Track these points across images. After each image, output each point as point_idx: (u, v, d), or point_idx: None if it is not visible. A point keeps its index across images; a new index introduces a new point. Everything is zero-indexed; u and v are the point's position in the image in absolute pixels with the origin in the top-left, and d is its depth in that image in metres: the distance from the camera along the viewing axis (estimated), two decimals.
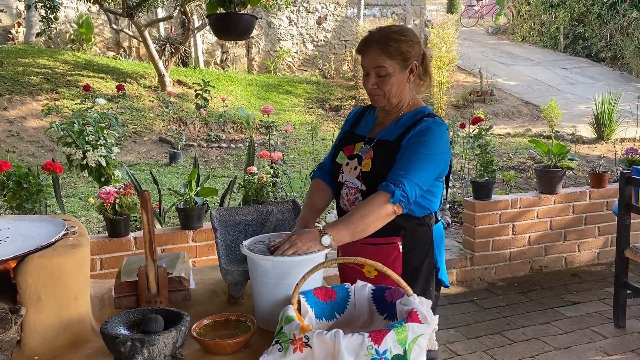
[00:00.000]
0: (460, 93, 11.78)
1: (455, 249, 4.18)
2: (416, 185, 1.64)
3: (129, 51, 13.25)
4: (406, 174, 1.63)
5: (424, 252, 1.77)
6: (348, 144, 1.83)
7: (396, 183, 1.61)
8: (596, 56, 14.86)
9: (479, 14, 20.49)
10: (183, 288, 1.62)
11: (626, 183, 3.13)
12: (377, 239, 1.70)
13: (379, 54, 1.68)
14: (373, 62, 1.70)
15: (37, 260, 1.33)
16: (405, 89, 1.75)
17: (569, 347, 3.06)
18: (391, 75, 1.70)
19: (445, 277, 1.88)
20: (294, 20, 14.08)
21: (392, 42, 1.68)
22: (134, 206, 3.07)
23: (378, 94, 1.73)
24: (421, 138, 1.68)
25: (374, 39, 1.71)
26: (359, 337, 1.14)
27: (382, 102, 1.76)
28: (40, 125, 8.06)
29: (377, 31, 1.74)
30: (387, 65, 1.69)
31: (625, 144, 7.84)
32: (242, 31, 2.85)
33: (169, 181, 6.37)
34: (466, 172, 6.19)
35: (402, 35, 1.70)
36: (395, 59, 1.69)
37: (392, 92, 1.72)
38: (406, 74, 1.72)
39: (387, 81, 1.70)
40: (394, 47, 1.68)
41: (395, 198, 1.60)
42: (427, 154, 1.66)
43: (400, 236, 1.73)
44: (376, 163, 1.71)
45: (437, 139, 1.69)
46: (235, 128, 9.43)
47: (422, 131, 1.69)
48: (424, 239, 1.76)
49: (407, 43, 1.70)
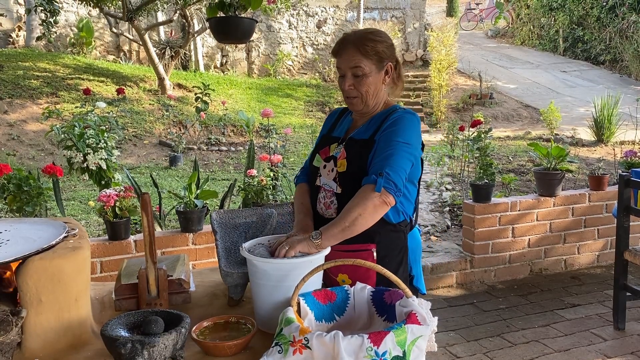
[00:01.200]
0: (460, 96, 11.80)
1: (455, 252, 4.18)
2: (398, 172, 1.61)
3: (129, 55, 13.27)
4: (387, 163, 1.61)
5: (397, 260, 1.74)
6: (324, 147, 1.82)
7: (378, 173, 1.59)
8: (595, 59, 14.89)
9: (479, 17, 20.54)
10: (183, 290, 1.62)
11: (625, 185, 3.13)
12: (351, 245, 1.67)
13: (355, 53, 1.69)
14: (349, 62, 1.70)
15: (38, 263, 1.34)
16: (381, 91, 1.75)
17: (568, 350, 3.06)
18: (367, 75, 1.70)
19: (422, 285, 1.86)
20: (293, 24, 14.10)
21: (368, 42, 1.69)
22: (134, 209, 3.07)
23: (354, 95, 1.73)
24: (394, 127, 1.67)
25: (350, 39, 1.71)
26: (358, 338, 1.15)
27: (359, 106, 1.75)
28: (40, 129, 8.08)
29: (352, 33, 1.74)
30: (364, 65, 1.69)
31: (624, 146, 7.85)
32: (242, 34, 2.87)
33: (169, 184, 6.37)
34: (466, 174, 6.20)
35: (378, 36, 1.71)
36: (371, 59, 1.69)
37: (369, 93, 1.72)
38: (382, 74, 1.73)
39: (364, 82, 1.70)
40: (370, 46, 1.68)
41: (379, 186, 1.57)
42: (402, 142, 1.65)
43: (374, 243, 1.71)
44: (351, 162, 1.69)
45: (410, 128, 1.68)
46: (235, 131, 9.45)
47: (395, 121, 1.69)
48: (398, 246, 1.74)
49: (382, 44, 1.70)
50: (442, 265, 3.96)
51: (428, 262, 3.95)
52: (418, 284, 1.85)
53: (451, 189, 6.16)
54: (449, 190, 6.11)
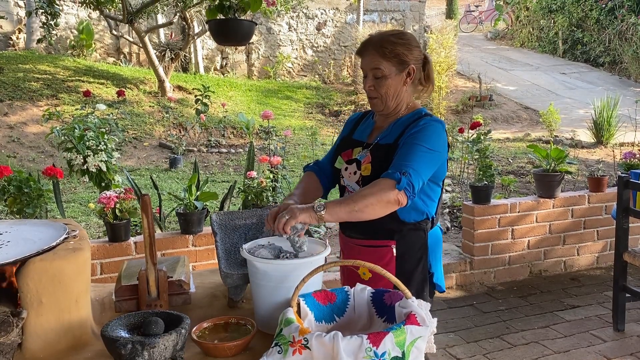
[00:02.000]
0: (460, 98, 11.82)
1: (455, 253, 4.19)
2: (419, 176, 1.62)
3: (129, 57, 13.29)
4: (411, 164, 1.61)
5: (417, 257, 1.77)
6: (346, 149, 1.84)
7: (402, 171, 1.59)
8: (595, 61, 14.90)
9: (478, 19, 20.56)
10: (183, 291, 1.62)
11: (624, 187, 3.14)
12: (372, 240, 1.73)
13: (375, 55, 1.72)
14: (370, 63, 1.73)
15: (38, 264, 1.34)
16: (402, 92, 1.76)
17: (568, 351, 3.06)
18: (387, 77, 1.72)
19: (441, 282, 1.88)
20: (293, 26, 14.13)
21: (388, 44, 1.71)
22: (134, 211, 3.08)
23: (375, 96, 1.76)
24: (420, 133, 1.68)
25: (372, 41, 1.75)
26: (357, 339, 1.15)
27: (380, 106, 1.77)
28: (40, 131, 8.08)
29: (376, 34, 1.77)
30: (383, 67, 1.71)
31: (624, 148, 7.85)
32: (241, 37, 2.87)
33: (169, 186, 6.38)
34: (465, 176, 6.21)
35: (399, 39, 1.73)
36: (390, 61, 1.71)
37: (389, 94, 1.73)
38: (403, 76, 1.74)
39: (383, 83, 1.72)
40: (389, 49, 1.70)
41: (402, 185, 1.57)
42: (426, 148, 1.65)
43: (394, 240, 1.73)
44: (375, 166, 1.71)
45: (436, 135, 1.69)
46: (235, 133, 9.45)
47: (421, 127, 1.69)
48: (418, 244, 1.76)
49: (403, 46, 1.72)
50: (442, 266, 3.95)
51: None
52: (438, 281, 1.86)
53: (451, 190, 6.16)
54: (449, 191, 6.12)
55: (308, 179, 1.90)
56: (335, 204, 1.56)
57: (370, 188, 1.59)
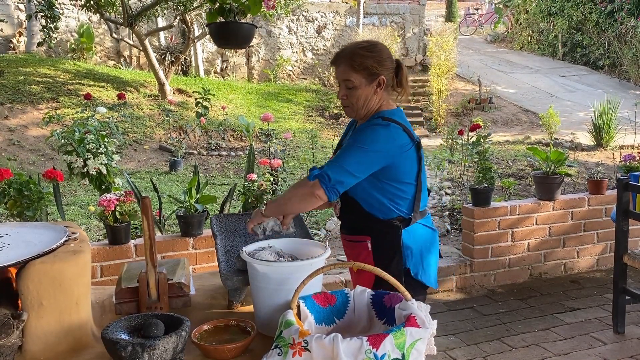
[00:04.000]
0: (459, 101, 11.83)
1: (455, 256, 4.19)
2: (344, 169, 1.74)
3: (129, 60, 13.31)
4: (334, 161, 1.78)
5: (390, 254, 1.85)
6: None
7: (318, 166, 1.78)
8: (594, 64, 14.92)
9: (478, 22, 20.60)
10: (183, 294, 1.63)
11: (624, 189, 3.14)
12: (352, 236, 1.93)
13: (346, 68, 1.82)
14: (342, 75, 1.84)
15: (39, 266, 1.34)
16: (372, 101, 1.85)
17: (568, 354, 3.06)
18: (357, 88, 1.82)
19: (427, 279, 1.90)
20: (293, 29, 14.15)
21: (358, 57, 1.80)
22: (135, 213, 3.08)
23: (347, 104, 1.88)
24: (356, 134, 1.81)
25: (343, 53, 1.85)
26: (357, 341, 1.15)
27: (351, 114, 1.90)
28: (41, 134, 8.09)
29: (348, 46, 1.87)
30: (353, 79, 1.81)
31: (623, 150, 7.86)
32: (241, 40, 2.87)
33: (169, 189, 6.38)
34: (465, 179, 6.21)
35: (369, 52, 1.82)
36: (360, 73, 1.81)
37: (359, 103, 1.84)
38: (373, 87, 1.83)
39: (354, 93, 1.83)
40: (359, 62, 1.80)
41: (311, 175, 1.74)
42: (358, 145, 1.77)
43: (369, 236, 1.87)
44: None
45: (373, 136, 1.77)
46: (235, 136, 9.46)
47: (361, 130, 1.81)
48: (390, 241, 1.85)
49: (373, 59, 1.81)
50: (442, 269, 3.96)
51: None
52: (421, 277, 1.89)
53: (451, 193, 6.17)
54: (449, 194, 6.12)
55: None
56: (272, 201, 1.80)
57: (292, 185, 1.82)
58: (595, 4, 14.78)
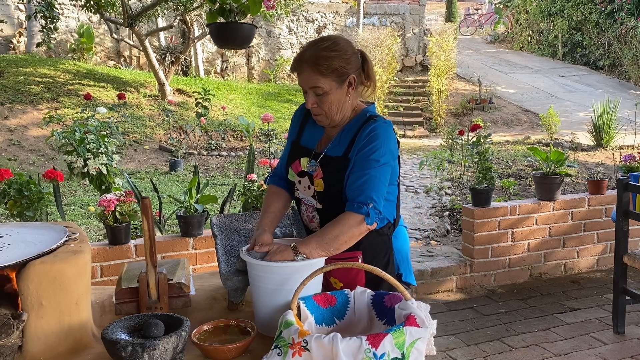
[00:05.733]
0: (459, 101, 11.83)
1: (455, 256, 4.19)
2: (381, 197, 1.61)
3: (129, 60, 13.32)
4: (369, 189, 1.59)
5: (384, 262, 1.73)
6: (294, 159, 1.78)
7: (366, 202, 1.57)
8: (594, 64, 14.93)
9: (478, 22, 20.61)
10: (183, 294, 1.63)
11: (624, 189, 3.14)
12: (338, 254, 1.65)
13: (311, 73, 1.62)
14: (308, 82, 1.64)
15: (39, 267, 1.35)
16: (345, 103, 1.68)
17: (568, 354, 3.06)
18: (328, 93, 1.63)
19: (411, 279, 1.85)
20: (293, 29, 14.15)
21: (323, 60, 1.61)
22: (135, 214, 3.08)
23: (319, 113, 1.68)
24: (370, 145, 1.63)
25: (304, 58, 1.64)
26: (356, 340, 1.16)
27: (325, 122, 1.71)
28: (41, 134, 8.10)
29: (307, 48, 1.66)
30: (322, 85, 1.62)
31: (623, 151, 7.87)
32: (242, 40, 2.88)
33: (169, 189, 6.38)
34: (465, 179, 6.21)
35: (333, 51, 1.62)
36: (329, 77, 1.62)
37: (333, 109, 1.66)
38: (344, 88, 1.66)
39: (326, 100, 1.64)
40: (325, 65, 1.61)
41: (371, 219, 1.57)
42: (380, 163, 1.62)
43: (359, 250, 1.68)
44: (328, 182, 1.67)
45: (384, 143, 1.64)
46: (235, 136, 9.47)
47: (369, 137, 1.64)
48: (383, 250, 1.74)
49: (339, 58, 1.62)
50: (442, 269, 3.96)
51: (428, 267, 3.95)
52: (407, 279, 1.85)
53: (451, 193, 6.17)
54: (449, 194, 6.12)
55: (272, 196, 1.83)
56: (312, 248, 1.54)
57: (340, 227, 1.56)
58: (595, 4, 14.78)
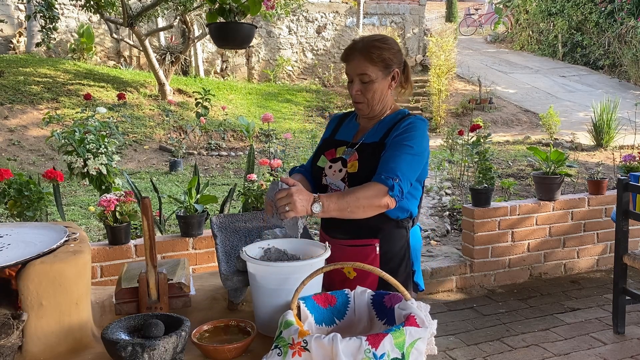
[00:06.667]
0: (459, 101, 11.83)
1: (455, 256, 4.19)
2: (407, 179, 1.67)
3: (129, 60, 13.32)
4: (400, 167, 1.66)
5: (401, 255, 1.79)
6: (329, 149, 1.87)
7: (393, 177, 1.63)
8: (594, 64, 14.93)
9: (478, 22, 20.61)
10: (183, 294, 1.63)
11: (624, 189, 3.14)
12: (355, 240, 1.76)
13: (362, 61, 1.74)
14: (356, 69, 1.75)
15: (39, 267, 1.34)
16: (387, 95, 1.80)
17: (568, 354, 3.06)
18: (374, 81, 1.75)
19: (421, 280, 1.91)
20: (293, 30, 14.15)
21: (375, 49, 1.74)
22: (135, 214, 3.08)
23: (361, 100, 1.79)
24: (407, 134, 1.72)
25: (357, 47, 1.76)
26: (356, 340, 1.15)
27: (366, 110, 1.81)
28: (41, 134, 8.10)
29: (360, 40, 1.80)
30: (370, 72, 1.74)
31: (623, 151, 7.87)
32: (241, 40, 2.87)
33: (169, 189, 6.38)
34: (465, 179, 6.21)
35: (384, 44, 1.76)
36: (377, 66, 1.74)
37: (375, 98, 1.77)
38: (388, 80, 1.78)
39: (370, 87, 1.76)
40: (376, 54, 1.73)
41: (395, 192, 1.62)
42: (413, 150, 1.70)
43: (377, 238, 1.75)
44: (362, 164, 1.74)
45: (420, 136, 1.74)
46: (235, 136, 9.47)
47: (407, 127, 1.74)
48: (401, 242, 1.79)
49: (389, 51, 1.75)
50: (442, 269, 3.96)
51: (428, 267, 3.95)
52: (418, 279, 1.89)
53: (451, 193, 6.17)
54: (449, 194, 6.12)
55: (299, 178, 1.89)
56: (330, 201, 1.58)
57: (364, 191, 1.61)
58: (595, 4, 14.78)
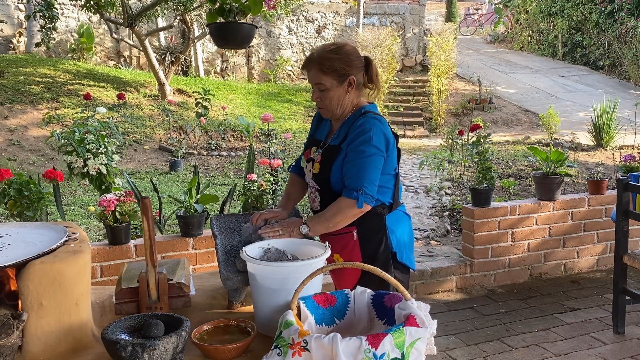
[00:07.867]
0: (459, 101, 11.83)
1: (455, 256, 4.19)
2: (373, 183, 1.86)
3: (129, 60, 13.32)
4: (363, 176, 1.84)
5: (378, 238, 1.94)
6: (308, 149, 2.07)
7: (357, 189, 1.83)
8: (594, 64, 14.92)
9: (478, 22, 20.61)
10: (183, 294, 1.63)
11: (624, 189, 3.14)
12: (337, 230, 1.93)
13: (316, 71, 1.90)
14: (313, 78, 1.92)
15: (39, 267, 1.35)
16: (345, 100, 1.94)
17: (568, 354, 3.06)
18: (329, 90, 1.91)
19: (410, 262, 2.03)
20: (293, 29, 14.15)
21: (326, 61, 1.89)
22: (135, 214, 3.08)
23: (322, 106, 1.96)
24: (358, 138, 1.86)
25: (313, 58, 1.92)
26: (356, 340, 1.16)
27: (327, 114, 1.99)
28: (41, 134, 8.09)
29: (316, 50, 1.95)
30: (324, 82, 1.89)
31: (623, 151, 7.87)
32: (241, 40, 2.87)
33: (169, 189, 6.38)
34: (465, 179, 6.21)
35: (336, 54, 1.90)
36: (330, 75, 1.89)
37: (333, 104, 1.93)
38: (344, 87, 1.92)
39: (327, 95, 1.92)
40: (327, 65, 1.88)
41: (360, 202, 1.82)
42: (366, 154, 1.85)
43: (354, 226, 1.91)
44: (322, 166, 1.94)
45: (370, 137, 1.86)
46: (235, 136, 9.46)
47: (358, 131, 1.88)
48: (377, 226, 1.95)
49: (341, 61, 1.89)
50: (442, 269, 3.96)
51: (428, 267, 3.95)
52: (404, 260, 2.01)
53: (451, 193, 6.17)
54: (449, 194, 6.12)
55: (292, 182, 2.13)
56: (315, 224, 1.84)
57: (336, 208, 1.85)
58: (595, 4, 14.78)
